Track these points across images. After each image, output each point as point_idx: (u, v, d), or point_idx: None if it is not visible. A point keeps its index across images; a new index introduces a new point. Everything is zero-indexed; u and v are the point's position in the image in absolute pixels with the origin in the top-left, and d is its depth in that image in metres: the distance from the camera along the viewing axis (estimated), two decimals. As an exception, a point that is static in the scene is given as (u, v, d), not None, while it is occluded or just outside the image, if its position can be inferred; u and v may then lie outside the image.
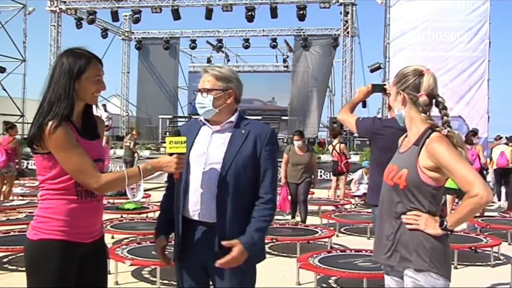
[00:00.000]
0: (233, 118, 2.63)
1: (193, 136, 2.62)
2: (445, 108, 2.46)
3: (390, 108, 3.85)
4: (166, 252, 2.76)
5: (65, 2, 21.67)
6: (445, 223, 2.32)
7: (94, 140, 2.47)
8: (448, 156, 2.28)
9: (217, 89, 2.60)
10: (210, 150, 2.57)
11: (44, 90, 2.38)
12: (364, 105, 4.04)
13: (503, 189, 12.98)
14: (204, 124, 2.66)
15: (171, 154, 2.40)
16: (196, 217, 2.55)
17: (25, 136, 21.23)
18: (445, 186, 2.47)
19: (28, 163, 17.54)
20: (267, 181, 2.57)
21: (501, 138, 13.53)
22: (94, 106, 2.52)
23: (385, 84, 3.77)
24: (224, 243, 2.47)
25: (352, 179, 13.85)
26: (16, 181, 14.61)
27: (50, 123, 2.26)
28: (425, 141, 2.36)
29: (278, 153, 2.73)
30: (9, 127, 10.95)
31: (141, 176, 2.37)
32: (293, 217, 9.21)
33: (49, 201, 2.34)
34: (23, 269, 2.08)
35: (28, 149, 10.96)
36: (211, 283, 2.66)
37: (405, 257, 2.38)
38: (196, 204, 2.54)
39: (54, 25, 22.01)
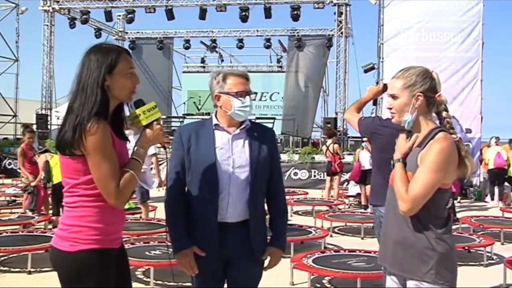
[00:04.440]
0: (247, 122, 2.75)
1: (210, 140, 2.67)
2: (446, 109, 2.41)
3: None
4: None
5: (58, 1, 21.55)
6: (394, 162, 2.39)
7: (125, 141, 2.39)
8: (431, 159, 2.24)
9: (253, 92, 2.79)
10: (235, 153, 2.67)
11: (72, 91, 2.25)
12: (374, 103, 4.05)
13: (496, 190, 13.05)
14: (216, 128, 2.71)
15: (147, 126, 2.30)
16: (225, 218, 2.64)
17: (18, 137, 21.17)
18: None
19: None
20: (280, 181, 2.84)
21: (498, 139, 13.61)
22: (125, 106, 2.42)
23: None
24: (265, 258, 2.77)
25: (346, 179, 13.89)
26: (9, 182, 14.58)
27: (90, 122, 2.14)
28: (428, 142, 2.31)
29: None
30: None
31: (142, 164, 2.29)
32: None
33: (83, 209, 2.22)
34: (16, 270, 2.06)
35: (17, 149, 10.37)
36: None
37: (409, 266, 2.33)
38: (226, 205, 2.63)
39: (47, 25, 21.89)
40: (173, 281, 5.22)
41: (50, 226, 8.01)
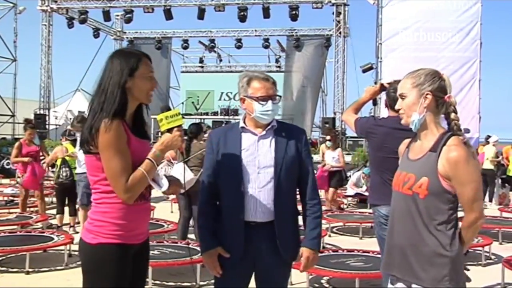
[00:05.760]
0: (274, 122, 2.78)
1: (237, 142, 2.73)
2: (455, 111, 2.38)
3: (389, 107, 3.78)
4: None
5: (56, 1, 21.53)
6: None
7: (145, 140, 2.51)
8: (464, 174, 2.24)
9: (278, 95, 2.79)
10: (260, 154, 2.71)
11: (94, 93, 2.40)
12: (374, 103, 4.07)
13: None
14: (242, 131, 2.77)
15: (169, 130, 2.42)
16: (253, 218, 2.68)
17: (16, 137, 21.14)
18: None
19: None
20: (312, 180, 2.81)
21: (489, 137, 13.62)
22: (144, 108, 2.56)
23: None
24: (302, 264, 2.78)
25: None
26: (6, 181, 14.54)
27: (105, 120, 2.28)
28: (442, 147, 2.27)
29: None
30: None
31: (156, 166, 2.38)
32: None
33: (106, 205, 2.36)
34: (14, 270, 2.06)
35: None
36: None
37: (420, 272, 2.29)
38: (254, 206, 2.67)
39: (45, 25, 21.86)
40: (196, 282, 5.23)
41: (58, 225, 8.00)
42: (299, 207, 2.86)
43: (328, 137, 10.98)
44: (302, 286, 5.39)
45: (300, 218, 2.85)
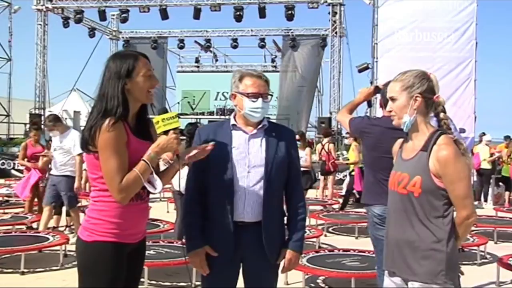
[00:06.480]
0: (265, 122, 2.75)
1: (228, 140, 2.69)
2: (444, 110, 2.44)
3: (384, 107, 3.79)
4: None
5: (51, 0, 21.49)
6: None
7: (147, 141, 2.49)
8: (453, 170, 2.28)
9: (270, 94, 2.77)
10: (251, 153, 2.67)
11: (96, 99, 2.44)
12: (369, 105, 4.07)
13: (490, 190, 13.08)
14: (233, 128, 2.73)
15: (165, 133, 2.41)
16: (242, 218, 2.64)
17: (11, 136, 21.08)
18: None
19: (14, 164, 17.39)
20: (297, 181, 2.81)
21: (484, 135, 13.62)
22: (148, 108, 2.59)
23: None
24: (283, 265, 2.78)
25: (341, 178, 13.90)
26: (1, 182, 14.50)
27: (107, 120, 2.30)
28: (432, 146, 2.33)
29: None
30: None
31: (150, 168, 2.37)
32: None
33: (103, 203, 2.39)
34: (9, 270, 2.05)
35: (14, 150, 10.40)
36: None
37: (416, 267, 2.33)
38: (242, 205, 2.64)
39: (40, 24, 21.81)
40: (190, 281, 5.23)
41: (54, 226, 7.96)
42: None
43: (297, 137, 10.95)
44: (298, 286, 5.39)
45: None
